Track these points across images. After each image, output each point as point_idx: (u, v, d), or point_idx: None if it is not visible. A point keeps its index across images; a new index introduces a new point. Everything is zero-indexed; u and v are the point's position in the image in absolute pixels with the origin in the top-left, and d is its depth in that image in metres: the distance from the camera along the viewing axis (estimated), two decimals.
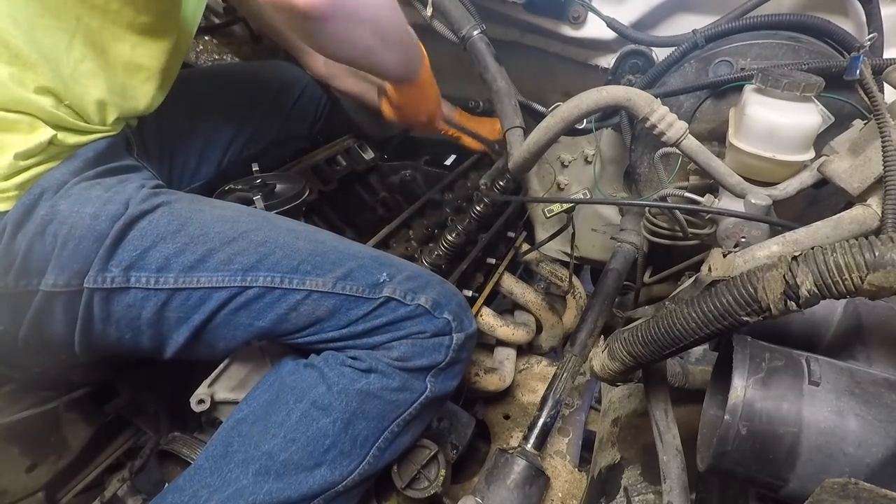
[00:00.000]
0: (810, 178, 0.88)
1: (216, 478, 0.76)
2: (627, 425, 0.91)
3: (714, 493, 0.72)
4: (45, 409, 0.94)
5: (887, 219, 0.63)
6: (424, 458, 0.92)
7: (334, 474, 0.79)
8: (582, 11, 1.11)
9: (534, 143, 0.94)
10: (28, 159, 0.73)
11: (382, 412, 0.82)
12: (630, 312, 1.16)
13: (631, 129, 1.15)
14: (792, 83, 0.81)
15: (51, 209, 0.73)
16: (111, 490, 1.07)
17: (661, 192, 0.99)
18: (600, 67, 1.21)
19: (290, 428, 0.78)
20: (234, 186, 1.07)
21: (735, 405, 0.53)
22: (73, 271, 0.73)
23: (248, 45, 1.60)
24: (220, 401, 0.89)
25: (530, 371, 1.29)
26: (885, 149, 0.66)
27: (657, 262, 1.27)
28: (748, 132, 0.86)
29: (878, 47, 1.01)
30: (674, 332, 0.58)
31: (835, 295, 0.49)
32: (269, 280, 0.78)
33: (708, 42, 1.02)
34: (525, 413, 1.20)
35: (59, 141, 0.76)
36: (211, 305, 0.77)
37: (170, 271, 0.76)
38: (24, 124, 0.73)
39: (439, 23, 1.13)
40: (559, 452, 1.09)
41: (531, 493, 0.91)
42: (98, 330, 0.77)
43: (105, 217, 0.73)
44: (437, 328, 0.83)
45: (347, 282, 0.81)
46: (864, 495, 0.45)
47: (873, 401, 0.52)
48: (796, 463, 0.52)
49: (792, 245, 0.75)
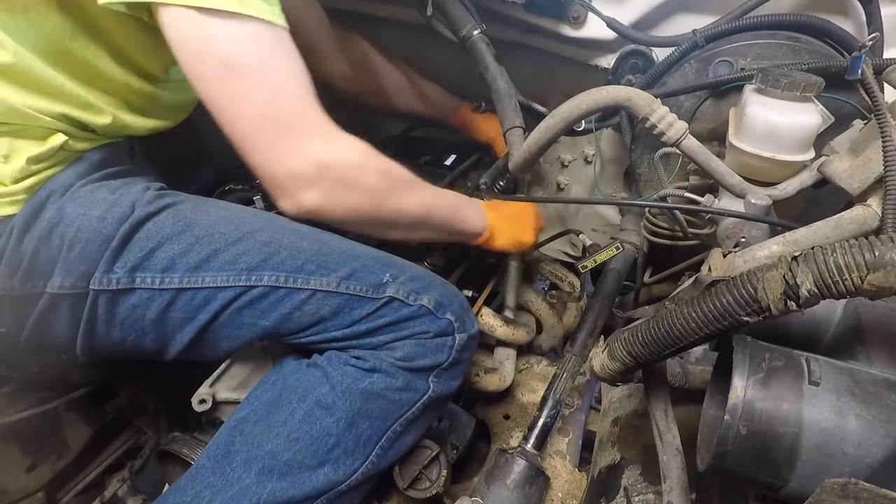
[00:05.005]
0: (810, 178, 0.88)
1: (219, 478, 0.76)
2: (627, 425, 0.91)
3: (714, 493, 0.72)
4: (45, 409, 0.94)
5: (887, 219, 0.63)
6: (426, 458, 0.92)
7: (338, 473, 0.79)
8: (582, 11, 1.11)
9: (534, 142, 0.94)
10: (39, 163, 0.74)
11: (386, 412, 0.82)
12: (630, 312, 1.16)
13: (631, 129, 1.14)
14: (792, 83, 0.81)
15: (57, 212, 0.73)
16: (111, 490, 1.07)
17: (661, 192, 0.99)
18: (600, 67, 1.21)
19: (293, 427, 0.79)
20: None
21: (735, 405, 0.54)
22: (79, 273, 0.73)
23: None
24: (222, 400, 0.90)
25: (530, 371, 1.29)
26: (885, 149, 0.66)
27: (657, 262, 1.27)
28: (748, 132, 0.86)
29: (879, 47, 1.01)
30: (674, 332, 0.58)
31: (835, 295, 0.49)
32: (274, 279, 0.78)
33: (708, 42, 1.02)
34: (525, 413, 1.20)
35: (69, 146, 0.77)
36: (215, 305, 0.78)
37: (175, 272, 0.76)
38: (38, 131, 0.74)
39: (439, 22, 1.13)
40: (559, 452, 1.09)
41: (531, 493, 0.91)
42: (101, 332, 0.77)
43: (111, 219, 0.74)
44: (440, 328, 0.84)
45: (351, 282, 0.81)
46: (864, 495, 0.45)
47: (873, 401, 0.52)
48: (796, 463, 0.52)
49: (792, 245, 0.75)
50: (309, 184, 0.75)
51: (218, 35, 0.67)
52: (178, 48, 0.69)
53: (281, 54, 0.72)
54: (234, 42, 0.68)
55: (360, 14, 1.38)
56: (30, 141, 0.74)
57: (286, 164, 0.74)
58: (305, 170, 0.74)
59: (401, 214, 0.86)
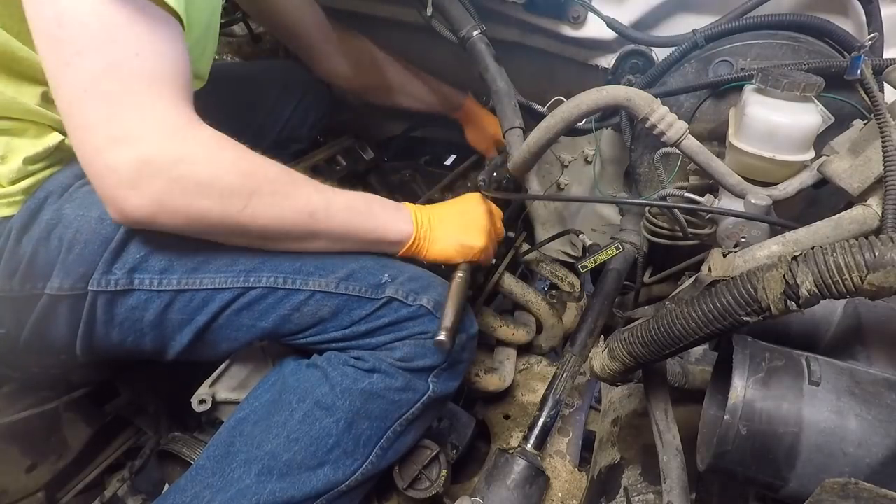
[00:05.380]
0: (810, 178, 0.88)
1: (218, 478, 0.76)
2: (627, 425, 0.91)
3: (714, 493, 0.72)
4: (45, 409, 0.94)
5: (887, 219, 0.63)
6: (426, 458, 0.92)
7: (337, 474, 0.79)
8: (582, 11, 1.11)
9: (534, 143, 0.94)
10: (36, 164, 0.74)
11: (385, 412, 0.82)
12: (630, 312, 1.16)
13: (631, 129, 1.15)
14: (792, 83, 0.81)
15: (56, 213, 0.73)
16: (111, 490, 1.06)
17: (661, 192, 0.99)
18: (600, 67, 1.21)
19: (293, 427, 0.79)
20: None
21: (735, 405, 0.54)
22: (78, 275, 0.73)
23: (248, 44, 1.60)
24: (222, 401, 0.90)
25: (530, 371, 1.29)
26: (885, 149, 0.66)
27: (657, 262, 1.27)
28: (748, 132, 0.86)
29: (878, 47, 1.01)
30: (674, 332, 0.58)
31: (835, 295, 0.49)
32: (273, 280, 0.78)
33: (708, 42, 1.02)
34: (525, 413, 1.20)
35: (66, 145, 0.76)
36: (214, 306, 0.77)
37: (173, 273, 0.76)
38: (34, 129, 0.74)
39: (439, 23, 1.13)
40: (559, 452, 1.09)
41: (531, 493, 0.91)
42: (101, 333, 0.77)
43: (111, 220, 0.73)
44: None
45: (350, 282, 0.81)
46: (864, 495, 0.45)
47: (873, 401, 0.52)
48: (796, 463, 0.52)
49: (792, 245, 0.75)
50: (130, 183, 0.61)
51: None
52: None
53: (140, 30, 0.60)
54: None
55: (360, 14, 1.38)
56: (26, 140, 0.73)
57: (104, 155, 0.61)
58: (126, 164, 0.61)
59: (271, 223, 0.71)
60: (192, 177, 0.64)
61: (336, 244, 0.81)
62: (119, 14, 0.60)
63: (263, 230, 0.72)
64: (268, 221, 0.71)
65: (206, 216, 0.67)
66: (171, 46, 0.64)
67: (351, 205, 0.80)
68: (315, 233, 0.76)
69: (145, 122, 0.62)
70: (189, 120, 0.66)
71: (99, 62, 0.60)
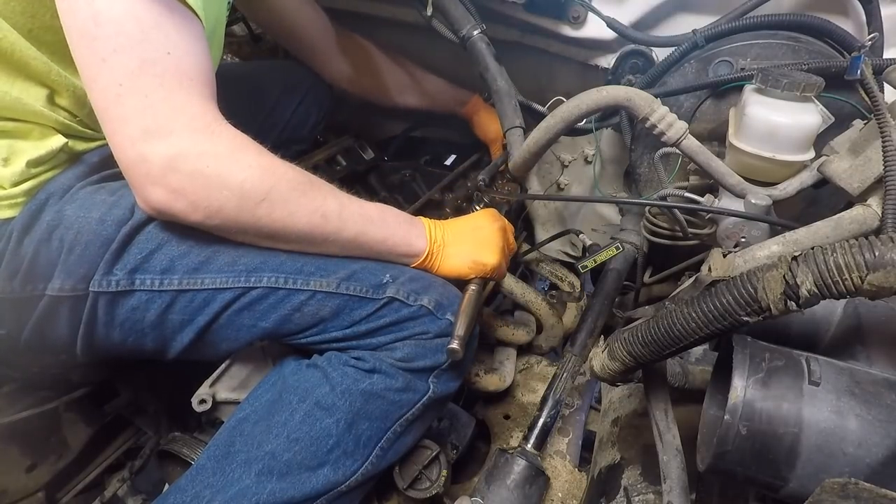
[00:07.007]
0: (810, 178, 0.88)
1: (218, 478, 0.76)
2: (627, 425, 0.91)
3: (714, 493, 0.72)
4: (45, 409, 0.94)
5: (887, 219, 0.63)
6: (426, 458, 0.92)
7: (337, 474, 0.79)
8: (582, 11, 1.11)
9: (534, 142, 0.94)
10: (39, 166, 0.74)
11: (386, 412, 0.82)
12: (630, 312, 1.16)
13: (631, 129, 1.15)
14: (792, 83, 0.81)
15: (57, 214, 0.73)
16: (111, 490, 1.07)
17: (661, 192, 0.99)
18: (600, 67, 1.21)
19: (293, 428, 0.79)
20: None
21: (735, 405, 0.54)
22: (79, 276, 0.73)
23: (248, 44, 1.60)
24: (222, 401, 0.90)
25: (530, 371, 1.29)
26: (885, 149, 0.66)
27: (657, 262, 1.27)
28: (748, 132, 0.86)
29: (878, 47, 1.02)
30: (674, 332, 0.58)
31: (835, 295, 0.49)
32: (273, 280, 0.78)
33: (708, 42, 1.02)
34: (525, 413, 1.20)
35: (69, 148, 0.76)
36: (215, 307, 0.78)
37: (174, 273, 0.76)
38: (37, 132, 0.74)
39: (439, 23, 1.13)
40: (559, 452, 1.09)
41: (531, 493, 0.91)
42: (101, 333, 0.77)
43: (111, 222, 0.73)
44: (440, 329, 0.83)
45: (351, 282, 0.81)
46: (864, 495, 0.45)
47: (873, 401, 0.52)
48: (796, 463, 0.52)
49: (792, 245, 0.75)
50: (159, 174, 0.65)
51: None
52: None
53: (170, 29, 0.64)
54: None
55: (360, 14, 1.38)
56: (29, 143, 0.73)
57: (137, 146, 0.64)
58: (157, 156, 0.64)
59: (285, 222, 0.73)
60: (216, 172, 0.67)
61: (347, 251, 0.81)
62: (150, 13, 0.63)
63: (277, 229, 0.74)
64: (282, 220, 0.73)
65: (224, 211, 0.69)
66: (198, 45, 0.68)
67: (365, 213, 0.80)
68: (326, 236, 0.77)
69: (177, 117, 0.65)
70: (215, 117, 0.69)
71: (134, 59, 0.63)
